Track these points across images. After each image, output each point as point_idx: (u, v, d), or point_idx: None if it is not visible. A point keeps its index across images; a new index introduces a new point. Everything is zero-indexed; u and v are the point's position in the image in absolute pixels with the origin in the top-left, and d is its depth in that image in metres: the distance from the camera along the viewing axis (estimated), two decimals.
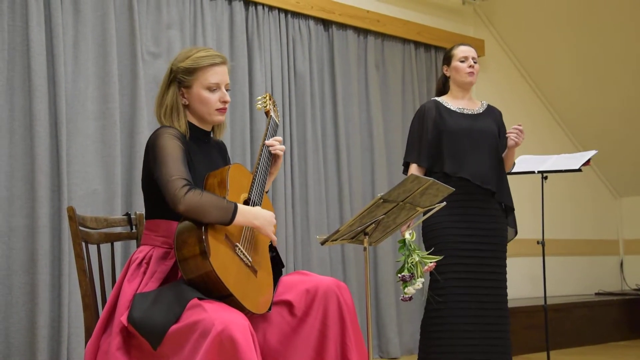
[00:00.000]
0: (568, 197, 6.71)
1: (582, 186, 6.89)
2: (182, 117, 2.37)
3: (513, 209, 3.51)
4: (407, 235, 2.85)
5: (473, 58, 3.49)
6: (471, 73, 3.46)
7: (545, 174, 4.37)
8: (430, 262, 2.88)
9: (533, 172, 4.37)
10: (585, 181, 6.90)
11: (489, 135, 3.44)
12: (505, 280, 3.43)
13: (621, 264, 7.24)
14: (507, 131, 3.42)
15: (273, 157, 2.51)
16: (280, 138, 2.54)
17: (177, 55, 2.44)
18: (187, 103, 2.39)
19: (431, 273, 3.16)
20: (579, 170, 4.32)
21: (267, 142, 2.48)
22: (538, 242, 4.29)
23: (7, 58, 3.65)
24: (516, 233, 3.58)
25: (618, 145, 6.66)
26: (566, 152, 5.19)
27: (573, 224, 6.82)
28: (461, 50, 3.51)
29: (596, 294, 6.70)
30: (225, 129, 2.57)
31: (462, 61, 3.48)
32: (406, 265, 2.83)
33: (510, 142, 3.41)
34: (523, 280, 6.05)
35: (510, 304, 5.50)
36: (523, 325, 5.28)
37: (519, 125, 3.40)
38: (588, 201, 7.04)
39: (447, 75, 3.56)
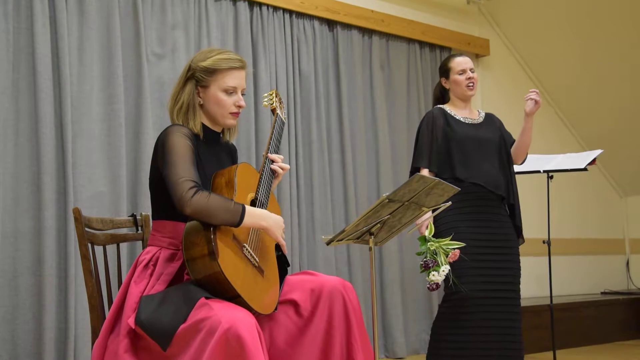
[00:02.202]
0: (574, 197, 6.69)
1: (587, 185, 6.87)
2: (198, 116, 2.37)
3: (514, 207, 3.50)
4: (426, 233, 2.86)
5: (471, 69, 3.50)
6: (471, 87, 3.48)
7: (550, 174, 4.37)
8: (453, 248, 2.88)
9: (539, 172, 4.36)
10: (591, 180, 6.88)
11: (493, 143, 3.48)
12: (519, 283, 3.43)
13: (627, 263, 7.22)
14: (526, 96, 3.42)
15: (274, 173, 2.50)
16: (282, 157, 2.54)
17: (197, 54, 2.44)
18: (201, 103, 2.39)
19: (452, 281, 3.16)
20: (585, 169, 4.31)
21: (270, 155, 2.46)
22: (544, 242, 4.29)
23: (13, 60, 3.66)
24: (523, 240, 3.59)
25: (624, 144, 6.64)
26: (572, 151, 5.18)
27: (579, 223, 6.81)
28: (458, 63, 3.51)
29: (602, 293, 6.68)
30: (236, 132, 2.57)
31: (460, 74, 3.48)
32: (428, 252, 2.83)
33: (529, 107, 3.39)
34: (529, 280, 6.02)
35: None
36: (529, 324, 5.26)
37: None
38: (594, 200, 7.03)
39: (447, 87, 3.57)
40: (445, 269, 2.82)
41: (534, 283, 5.97)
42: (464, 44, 5.92)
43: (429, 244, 2.85)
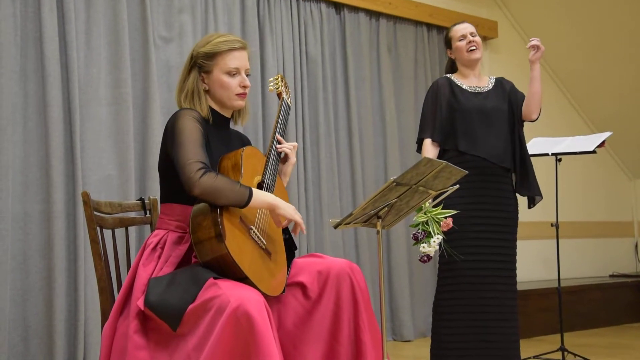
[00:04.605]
0: (582, 179, 6.67)
1: (596, 168, 6.85)
2: (204, 101, 2.38)
3: (523, 176, 3.45)
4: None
5: (471, 33, 3.45)
6: (473, 50, 3.43)
7: (559, 156, 4.35)
8: (445, 217, 2.87)
9: (547, 155, 4.34)
10: (600, 163, 6.86)
11: (501, 112, 3.41)
12: (515, 261, 3.41)
13: (636, 246, 7.21)
14: (527, 45, 3.39)
15: (283, 156, 2.51)
16: (293, 144, 2.53)
17: (198, 42, 2.45)
18: (207, 88, 2.39)
19: (444, 249, 3.16)
20: (594, 152, 4.29)
21: (277, 136, 2.47)
22: (552, 225, 4.27)
23: (20, 44, 3.67)
24: (541, 197, 3.52)
25: (632, 126, 6.60)
26: (580, 134, 5.15)
27: (587, 206, 6.79)
28: (457, 30, 3.49)
29: (610, 275, 6.68)
30: (247, 115, 2.56)
31: (461, 40, 3.45)
32: (420, 225, 2.83)
33: (531, 54, 3.35)
34: (537, 263, 6.05)
35: (524, 287, 5.53)
36: (537, 307, 5.27)
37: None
38: (602, 183, 7.01)
39: (452, 57, 3.54)
40: (437, 239, 2.82)
41: (542, 266, 5.97)
42: None
43: (417, 215, 2.84)
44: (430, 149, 3.38)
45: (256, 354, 1.90)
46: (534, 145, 4.41)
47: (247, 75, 2.41)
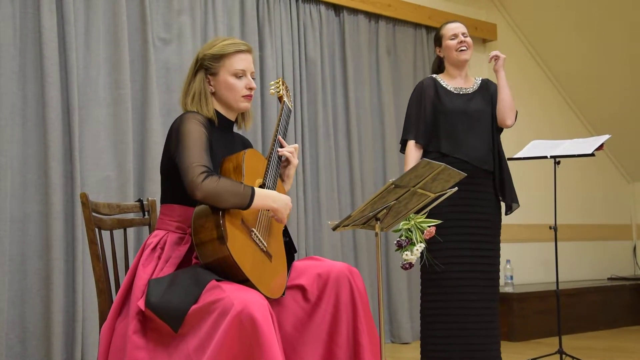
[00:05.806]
0: (581, 182, 6.67)
1: (595, 171, 6.85)
2: (210, 103, 2.38)
3: (502, 181, 3.45)
4: None
5: (463, 33, 3.43)
6: (463, 50, 3.41)
7: (557, 159, 4.34)
8: (429, 226, 2.87)
9: (545, 157, 4.34)
10: (598, 166, 6.86)
11: (484, 113, 3.41)
12: (498, 263, 3.41)
13: (634, 249, 7.21)
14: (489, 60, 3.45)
15: (284, 160, 2.51)
16: (294, 146, 2.54)
17: (203, 45, 2.48)
18: (213, 90, 2.40)
19: (426, 257, 3.16)
20: (592, 155, 4.29)
21: (279, 137, 2.48)
22: (550, 227, 4.27)
23: (19, 45, 3.67)
24: (518, 205, 3.51)
25: (631, 129, 6.61)
26: (579, 136, 5.15)
27: (586, 209, 6.79)
28: (449, 29, 3.45)
29: (609, 278, 6.68)
30: (251, 119, 2.57)
31: (452, 39, 3.44)
32: (403, 231, 2.83)
33: (494, 66, 3.39)
34: (535, 266, 6.05)
35: (522, 289, 5.54)
36: (535, 310, 5.27)
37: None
38: (601, 186, 7.01)
39: (441, 56, 3.52)
40: (419, 247, 2.82)
41: (541, 268, 5.97)
42: (471, 29, 5.85)
43: (402, 223, 2.84)
44: (413, 151, 3.39)
45: (260, 357, 1.90)
46: (532, 148, 4.41)
47: (252, 79, 2.42)
